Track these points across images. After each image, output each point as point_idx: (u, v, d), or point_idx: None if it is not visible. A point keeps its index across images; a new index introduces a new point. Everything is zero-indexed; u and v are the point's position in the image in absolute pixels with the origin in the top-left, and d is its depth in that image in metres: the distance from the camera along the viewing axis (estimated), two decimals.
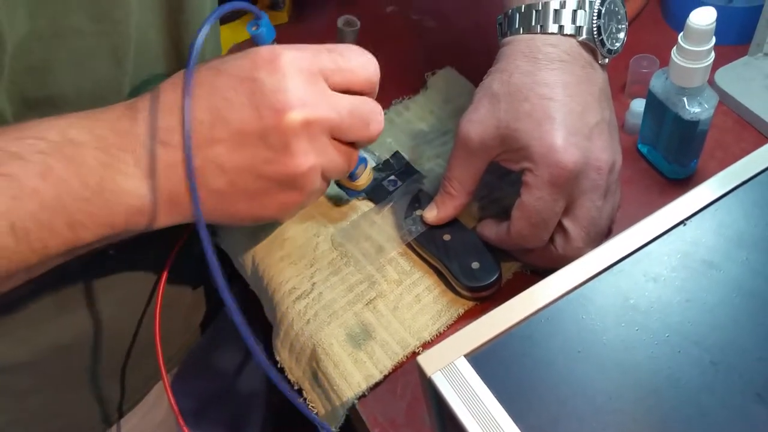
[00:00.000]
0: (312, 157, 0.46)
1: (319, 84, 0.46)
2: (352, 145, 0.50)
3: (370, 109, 0.49)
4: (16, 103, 0.47)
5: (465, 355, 0.36)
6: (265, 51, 0.45)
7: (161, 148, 0.45)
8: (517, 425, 0.33)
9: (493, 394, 0.34)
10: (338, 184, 0.59)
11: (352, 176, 0.57)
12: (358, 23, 0.53)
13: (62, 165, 0.43)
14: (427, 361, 0.36)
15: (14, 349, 0.59)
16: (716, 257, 0.38)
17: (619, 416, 0.33)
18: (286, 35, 0.50)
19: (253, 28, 0.48)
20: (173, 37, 0.57)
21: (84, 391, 0.67)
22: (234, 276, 0.83)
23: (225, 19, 0.80)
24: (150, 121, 0.45)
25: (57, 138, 0.43)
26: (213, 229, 0.67)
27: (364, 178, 0.58)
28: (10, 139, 0.42)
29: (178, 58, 0.58)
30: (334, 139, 0.48)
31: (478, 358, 0.36)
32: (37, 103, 0.47)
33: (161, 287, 0.62)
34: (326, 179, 0.50)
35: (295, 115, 0.44)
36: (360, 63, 0.48)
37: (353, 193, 0.60)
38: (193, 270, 0.72)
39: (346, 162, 0.50)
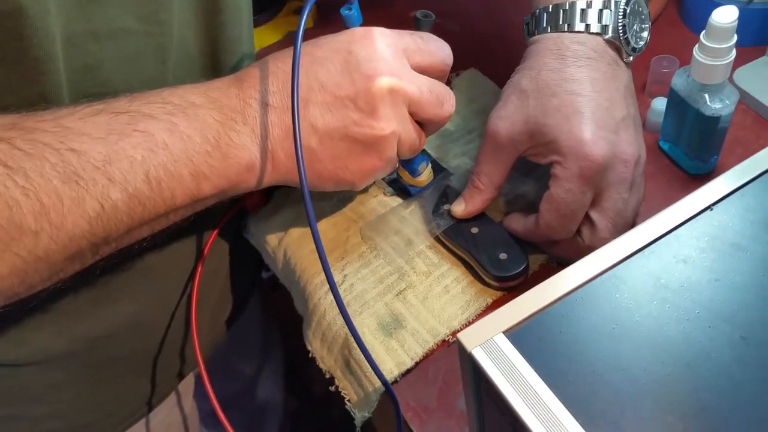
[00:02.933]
0: (394, 123, 0.51)
1: (403, 60, 0.51)
2: (423, 128, 0.55)
3: (445, 90, 0.54)
4: (74, 100, 0.49)
5: (503, 332, 0.37)
6: (359, 29, 0.52)
7: (265, 108, 0.50)
8: (556, 395, 0.35)
9: (532, 367, 0.36)
10: (401, 182, 0.63)
11: (414, 172, 0.61)
12: (434, 16, 0.59)
13: (185, 123, 0.48)
14: (467, 337, 0.37)
15: (52, 341, 0.61)
16: (743, 240, 0.39)
17: (654, 387, 0.35)
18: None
19: (347, 11, 0.54)
20: (210, 37, 0.59)
21: (116, 384, 0.68)
22: (256, 278, 0.84)
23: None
24: (258, 85, 0.51)
25: (178, 101, 0.49)
26: (243, 224, 0.69)
27: (425, 175, 0.62)
28: (141, 104, 0.48)
29: (213, 57, 0.60)
30: (410, 114, 0.52)
31: (517, 335, 0.37)
32: (91, 100, 0.50)
33: (197, 277, 0.63)
34: (400, 152, 0.54)
35: (384, 81, 0.49)
36: (437, 46, 0.54)
37: (415, 190, 0.63)
38: (221, 267, 0.74)
39: (418, 139, 0.54)
